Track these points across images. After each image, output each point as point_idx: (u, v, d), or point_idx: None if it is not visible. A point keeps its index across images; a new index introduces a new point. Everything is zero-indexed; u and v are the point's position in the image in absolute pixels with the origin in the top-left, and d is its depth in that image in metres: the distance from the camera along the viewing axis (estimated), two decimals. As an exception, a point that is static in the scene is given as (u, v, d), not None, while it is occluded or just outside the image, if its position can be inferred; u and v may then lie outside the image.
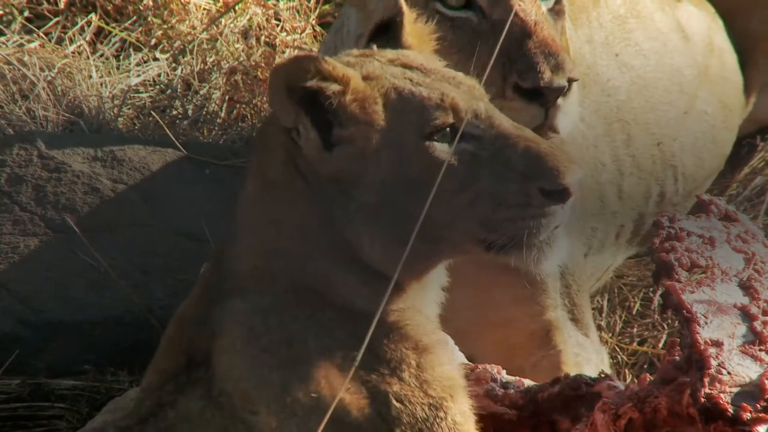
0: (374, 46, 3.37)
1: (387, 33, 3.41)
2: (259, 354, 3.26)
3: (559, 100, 4.13)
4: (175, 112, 6.11)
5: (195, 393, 3.29)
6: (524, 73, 4.12)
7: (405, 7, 3.36)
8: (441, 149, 3.18)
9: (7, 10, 6.48)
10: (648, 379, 3.43)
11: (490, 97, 4.05)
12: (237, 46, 6.40)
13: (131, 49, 6.36)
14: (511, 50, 4.14)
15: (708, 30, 5.62)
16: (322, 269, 3.27)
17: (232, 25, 6.45)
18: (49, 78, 5.95)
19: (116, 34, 6.39)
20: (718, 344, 3.29)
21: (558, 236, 3.27)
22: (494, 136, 3.20)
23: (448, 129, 3.19)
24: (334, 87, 3.16)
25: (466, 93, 3.24)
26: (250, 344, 3.26)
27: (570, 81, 4.14)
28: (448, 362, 3.30)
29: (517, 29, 4.16)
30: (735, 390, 3.22)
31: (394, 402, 3.22)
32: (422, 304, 3.37)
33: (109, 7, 6.50)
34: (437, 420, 3.22)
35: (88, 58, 6.18)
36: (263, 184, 3.32)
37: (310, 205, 3.25)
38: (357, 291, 3.27)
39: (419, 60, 3.31)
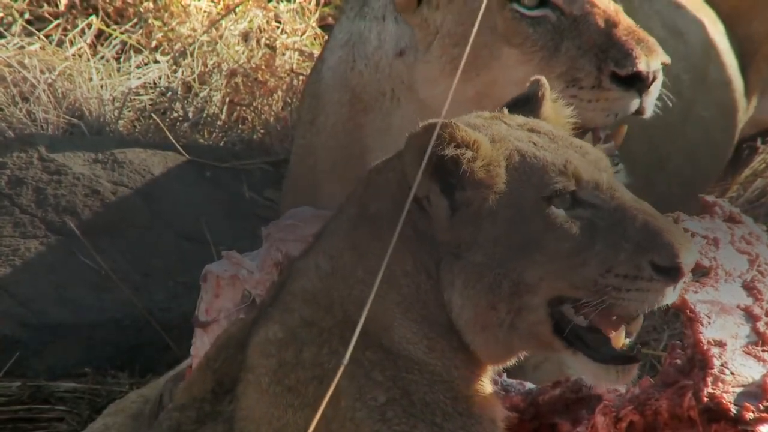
0: (505, 110, 3.38)
1: (523, 107, 3.42)
2: (285, 393, 3.19)
3: (652, 86, 4.17)
4: (175, 115, 6.12)
5: (216, 429, 3.26)
6: (621, 61, 4.19)
7: (547, 84, 3.41)
8: (558, 213, 3.16)
9: (8, 13, 6.49)
10: (649, 382, 3.42)
11: (588, 88, 4.12)
12: (237, 48, 6.41)
13: (132, 52, 6.37)
14: (600, 41, 4.19)
15: (707, 34, 5.62)
16: (384, 311, 3.24)
17: (232, 28, 6.47)
18: (49, 80, 5.96)
19: (117, 37, 6.40)
20: (721, 344, 3.29)
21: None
22: (613, 207, 3.15)
23: (568, 195, 3.18)
24: (469, 154, 3.16)
25: (591, 163, 3.23)
26: (277, 381, 3.21)
27: (662, 64, 4.21)
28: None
29: (601, 20, 4.21)
30: (738, 390, 3.22)
31: None
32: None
33: (110, 10, 6.51)
34: None
35: (88, 60, 6.19)
36: (361, 215, 3.27)
37: (408, 251, 3.23)
38: (414, 341, 3.22)
39: (547, 128, 3.30)
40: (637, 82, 4.20)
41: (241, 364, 3.26)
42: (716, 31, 5.69)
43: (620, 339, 3.18)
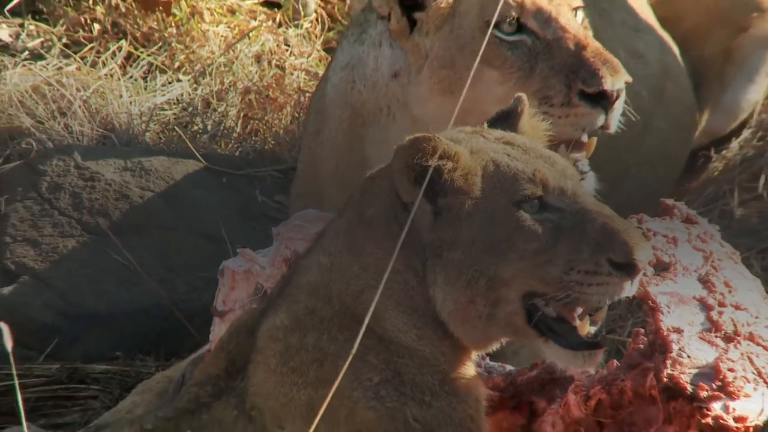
0: (485, 125, 3.39)
1: (505, 121, 3.43)
2: (289, 373, 3.23)
3: (616, 103, 4.19)
4: (196, 128, 6.14)
5: (230, 402, 3.27)
6: (588, 80, 4.19)
7: (527, 102, 3.41)
8: (527, 217, 3.18)
9: (48, 37, 6.49)
10: (615, 364, 3.43)
11: (558, 105, 4.15)
12: (251, 68, 6.38)
13: (157, 72, 6.36)
14: (570, 62, 4.20)
15: (664, 55, 5.62)
16: (377, 303, 3.22)
17: (246, 51, 6.44)
18: (84, 97, 5.96)
19: (144, 59, 6.41)
20: (679, 331, 3.30)
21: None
22: (576, 210, 3.18)
23: (536, 201, 3.19)
24: (450, 164, 3.17)
25: (558, 172, 3.24)
26: (283, 362, 3.24)
27: (625, 83, 4.23)
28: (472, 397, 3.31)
29: (572, 44, 4.23)
30: (693, 371, 3.23)
31: (412, 422, 3.20)
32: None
33: (138, 35, 6.50)
34: None
35: (119, 79, 6.20)
36: (359, 218, 3.31)
37: (398, 251, 3.21)
38: (404, 330, 3.25)
39: (522, 140, 3.33)
40: (603, 100, 4.21)
41: (251, 347, 3.31)
42: (673, 53, 5.69)
43: (586, 327, 3.22)
